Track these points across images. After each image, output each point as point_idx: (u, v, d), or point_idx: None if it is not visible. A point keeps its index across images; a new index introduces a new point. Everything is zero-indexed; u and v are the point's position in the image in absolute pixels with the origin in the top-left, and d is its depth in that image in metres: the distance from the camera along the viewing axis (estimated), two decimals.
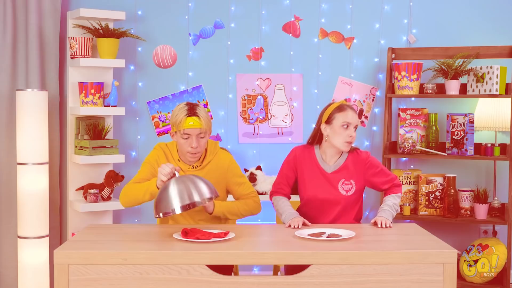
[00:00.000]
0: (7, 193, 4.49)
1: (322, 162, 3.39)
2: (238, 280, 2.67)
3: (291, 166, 3.45)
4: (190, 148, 3.23)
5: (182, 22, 4.93)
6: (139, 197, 3.19)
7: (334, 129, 3.29)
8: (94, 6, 4.68)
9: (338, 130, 3.28)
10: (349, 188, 3.37)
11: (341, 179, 3.36)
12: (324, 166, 3.38)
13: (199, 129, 3.21)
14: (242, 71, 4.97)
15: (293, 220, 3.20)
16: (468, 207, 4.71)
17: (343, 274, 2.66)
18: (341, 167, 3.37)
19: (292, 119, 4.99)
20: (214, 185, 3.28)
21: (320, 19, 4.98)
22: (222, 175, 3.39)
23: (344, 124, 3.27)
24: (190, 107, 3.23)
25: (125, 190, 3.28)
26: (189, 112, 3.21)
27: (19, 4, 4.50)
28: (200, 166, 3.35)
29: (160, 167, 3.04)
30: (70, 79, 4.57)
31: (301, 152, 3.43)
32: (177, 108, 3.28)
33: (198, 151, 3.26)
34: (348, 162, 3.38)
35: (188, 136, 3.22)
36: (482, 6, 4.97)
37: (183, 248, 2.71)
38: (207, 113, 3.28)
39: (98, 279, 2.64)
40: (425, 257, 2.68)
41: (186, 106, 3.25)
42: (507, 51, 4.66)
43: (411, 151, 4.80)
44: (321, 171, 3.37)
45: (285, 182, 3.47)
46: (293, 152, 3.47)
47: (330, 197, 3.36)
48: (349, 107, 3.32)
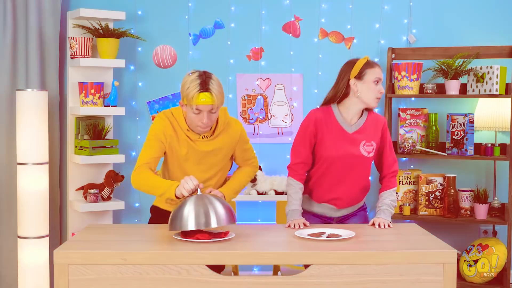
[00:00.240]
0: (7, 193, 4.49)
1: (343, 122, 3.26)
2: (238, 280, 2.67)
3: (311, 131, 3.26)
4: (201, 123, 3.10)
5: (182, 22, 4.93)
6: (154, 192, 3.11)
7: (366, 85, 3.21)
8: (94, 6, 4.68)
9: (370, 86, 3.21)
10: (371, 149, 3.29)
11: (362, 140, 3.27)
12: (345, 126, 3.26)
13: (211, 106, 3.05)
14: (242, 71, 4.97)
15: (293, 222, 3.19)
16: (468, 207, 4.71)
17: (343, 274, 2.66)
18: (362, 128, 3.28)
19: (292, 119, 4.99)
20: (224, 154, 3.27)
21: (320, 19, 4.98)
22: (233, 144, 3.31)
23: (376, 80, 3.21)
24: (203, 81, 3.04)
25: (140, 176, 3.12)
26: (201, 87, 3.02)
27: (19, 4, 4.50)
28: (211, 137, 3.23)
29: (184, 180, 2.95)
30: (70, 79, 4.57)
31: (320, 114, 3.27)
32: (188, 78, 3.08)
33: (209, 125, 3.13)
34: (368, 123, 3.30)
35: (200, 112, 3.06)
36: (482, 6, 4.97)
37: (183, 248, 2.71)
38: (220, 85, 3.09)
39: (98, 279, 2.64)
40: (425, 257, 2.68)
41: (198, 79, 3.05)
42: (507, 51, 4.66)
43: (411, 151, 4.80)
44: (342, 131, 3.25)
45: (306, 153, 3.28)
46: (312, 116, 3.27)
47: (352, 159, 3.25)
48: (376, 63, 3.28)
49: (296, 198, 3.28)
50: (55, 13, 4.56)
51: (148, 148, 3.20)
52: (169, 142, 3.21)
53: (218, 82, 3.10)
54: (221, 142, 3.27)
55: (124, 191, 4.89)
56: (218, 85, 3.09)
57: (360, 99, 3.23)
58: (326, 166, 3.28)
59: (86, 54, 4.46)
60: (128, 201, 4.89)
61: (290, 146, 4.98)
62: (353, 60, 3.29)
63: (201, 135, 3.21)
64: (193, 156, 3.24)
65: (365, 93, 3.21)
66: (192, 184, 2.93)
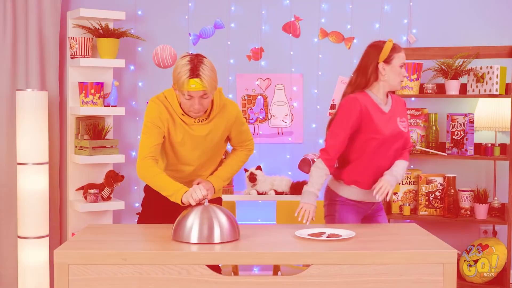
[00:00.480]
0: (7, 193, 4.49)
1: (380, 103, 3.35)
2: (238, 280, 2.67)
3: (356, 116, 3.27)
4: (193, 109, 3.07)
5: (182, 22, 4.93)
6: (160, 191, 3.09)
7: (394, 69, 3.31)
8: (94, 6, 4.68)
9: (397, 70, 3.32)
10: (405, 125, 3.41)
11: (397, 116, 3.38)
12: (382, 106, 3.35)
13: (202, 92, 3.00)
14: (242, 71, 4.97)
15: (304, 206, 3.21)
16: (468, 207, 4.71)
17: (343, 274, 2.66)
18: (392, 107, 3.39)
19: (292, 119, 4.99)
20: (220, 137, 3.22)
21: (320, 19, 4.98)
22: (229, 126, 3.26)
23: (401, 64, 3.33)
24: (193, 66, 2.97)
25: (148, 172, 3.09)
26: (191, 73, 2.96)
27: (19, 4, 4.50)
28: (207, 120, 3.18)
29: (192, 189, 2.94)
30: (70, 79, 4.57)
31: (362, 99, 3.30)
32: (179, 63, 3.02)
33: (202, 110, 3.08)
34: (394, 102, 3.43)
35: (191, 97, 3.02)
36: (482, 6, 4.97)
37: (183, 248, 2.71)
38: (212, 70, 3.01)
39: (98, 279, 2.64)
40: (425, 257, 2.68)
41: (189, 64, 2.98)
42: (507, 51, 4.66)
43: (411, 151, 4.80)
44: (382, 112, 3.33)
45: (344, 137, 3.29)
46: (355, 101, 3.27)
47: (397, 136, 3.35)
48: (401, 47, 3.39)
49: (318, 182, 3.29)
50: (55, 13, 4.56)
51: (147, 136, 3.13)
52: (167, 127, 3.16)
53: (210, 66, 3.02)
54: (217, 125, 3.21)
55: (124, 191, 4.89)
56: (210, 69, 3.01)
57: (387, 82, 3.34)
58: (375, 148, 3.31)
59: (86, 54, 4.46)
60: (128, 201, 4.90)
61: (290, 146, 5.01)
62: (378, 44, 3.35)
63: (196, 119, 3.16)
64: (189, 141, 3.19)
65: (392, 77, 3.33)
66: (200, 194, 2.92)
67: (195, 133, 3.18)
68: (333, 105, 4.99)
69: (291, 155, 4.99)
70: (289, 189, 4.73)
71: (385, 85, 3.34)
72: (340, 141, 3.28)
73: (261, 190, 4.70)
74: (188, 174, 3.30)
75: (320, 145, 4.98)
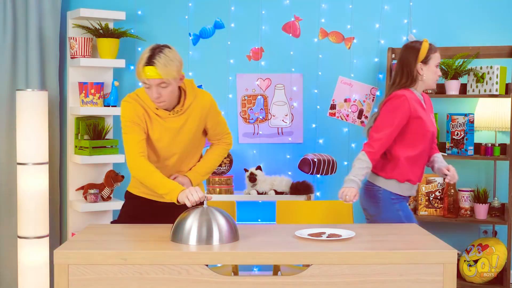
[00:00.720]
0: (7, 193, 4.49)
1: (421, 100, 3.50)
2: (238, 280, 2.67)
3: (406, 113, 3.36)
4: (153, 98, 3.04)
5: (182, 22, 4.93)
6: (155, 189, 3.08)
7: (431, 69, 3.46)
8: (94, 6, 4.68)
9: (434, 69, 3.47)
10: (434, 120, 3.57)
11: (430, 113, 3.54)
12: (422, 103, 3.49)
13: (158, 80, 2.97)
14: (242, 71, 4.97)
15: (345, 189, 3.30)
16: (468, 207, 4.71)
17: (343, 274, 2.66)
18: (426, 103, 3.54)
19: (292, 119, 4.99)
20: (196, 128, 3.21)
21: (320, 19, 4.98)
22: (204, 116, 3.23)
23: (437, 64, 3.48)
24: (151, 55, 2.97)
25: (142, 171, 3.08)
26: (147, 60, 2.96)
27: (19, 4, 4.50)
28: (181, 111, 3.16)
29: (188, 190, 2.94)
30: (70, 79, 4.57)
31: (409, 95, 3.40)
32: (142, 52, 3.04)
33: (163, 101, 3.05)
34: (426, 99, 3.58)
35: (149, 86, 3.00)
36: (482, 6, 4.97)
37: (183, 248, 2.71)
38: (171, 59, 3.00)
39: (98, 279, 2.64)
40: (425, 257, 2.68)
41: (149, 52, 2.99)
42: (507, 51, 4.66)
43: None
44: (424, 108, 3.46)
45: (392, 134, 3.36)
46: (406, 98, 3.37)
47: (435, 131, 3.53)
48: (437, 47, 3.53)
49: (359, 173, 3.34)
50: (55, 13, 4.56)
51: (130, 134, 3.12)
52: (145, 123, 3.15)
53: (170, 56, 3.00)
54: (192, 115, 3.19)
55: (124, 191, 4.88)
56: (169, 58, 2.99)
57: (425, 82, 3.48)
58: (424, 144, 3.45)
59: (86, 54, 4.46)
60: None
61: (290, 146, 5.01)
62: (415, 46, 3.48)
63: (171, 112, 3.15)
64: (166, 135, 3.18)
65: (430, 76, 3.46)
66: (197, 196, 2.92)
67: (171, 126, 3.17)
68: (333, 105, 4.99)
69: (291, 155, 4.99)
70: (289, 189, 4.73)
71: (422, 85, 3.48)
72: (386, 136, 3.35)
73: (261, 190, 4.70)
74: (168, 169, 3.29)
75: (320, 145, 4.99)
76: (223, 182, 4.72)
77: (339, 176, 4.95)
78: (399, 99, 3.36)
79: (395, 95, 3.39)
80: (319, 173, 4.69)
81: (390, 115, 3.36)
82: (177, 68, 3.02)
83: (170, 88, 3.04)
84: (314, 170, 4.66)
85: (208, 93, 3.29)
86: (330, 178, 4.93)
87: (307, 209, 3.94)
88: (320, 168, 4.68)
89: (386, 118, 3.37)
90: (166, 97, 3.05)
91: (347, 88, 4.98)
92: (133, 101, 3.15)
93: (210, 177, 4.72)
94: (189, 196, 2.93)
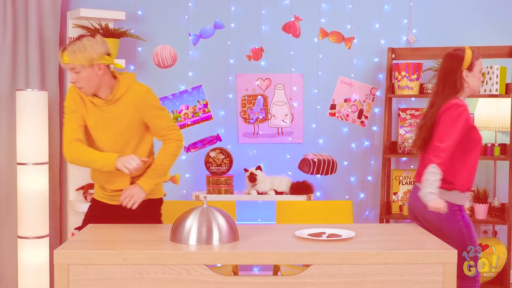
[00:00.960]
0: (7, 193, 4.49)
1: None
2: (238, 280, 2.67)
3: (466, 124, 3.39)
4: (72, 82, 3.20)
5: (182, 22, 4.93)
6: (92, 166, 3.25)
7: (475, 75, 3.48)
8: (94, 6, 4.68)
9: (478, 76, 3.50)
10: None
11: None
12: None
13: (68, 65, 3.14)
14: (242, 71, 4.97)
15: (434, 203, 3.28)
16: (468, 207, 4.71)
17: (343, 274, 2.66)
18: None
19: (292, 119, 4.99)
20: (130, 120, 3.25)
21: (320, 19, 4.98)
22: (137, 108, 3.25)
23: (481, 70, 3.52)
24: (71, 42, 3.16)
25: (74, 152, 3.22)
26: (65, 46, 3.16)
27: (19, 4, 4.50)
28: (112, 101, 3.23)
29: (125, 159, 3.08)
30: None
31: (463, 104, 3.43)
32: None
33: (81, 86, 3.18)
34: None
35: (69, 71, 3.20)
36: (482, 6, 4.97)
37: (183, 248, 2.71)
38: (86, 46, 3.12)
39: (98, 279, 2.64)
40: (425, 257, 2.68)
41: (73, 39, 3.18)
42: (507, 51, 4.66)
43: (411, 151, 4.80)
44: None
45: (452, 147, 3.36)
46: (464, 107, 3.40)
47: None
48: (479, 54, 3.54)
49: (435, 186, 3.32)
50: (55, 13, 4.56)
51: (67, 122, 3.28)
52: (82, 110, 3.28)
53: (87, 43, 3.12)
54: (124, 106, 3.24)
55: None
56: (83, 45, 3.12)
57: (470, 88, 3.50)
58: (479, 151, 3.50)
59: None
60: None
61: (290, 146, 5.01)
62: (458, 54, 3.48)
63: (105, 101, 3.24)
64: (100, 123, 3.27)
65: (474, 83, 3.49)
66: (135, 163, 3.07)
67: (104, 115, 3.25)
68: (333, 105, 4.99)
69: (291, 155, 4.99)
70: (289, 189, 4.73)
71: (468, 91, 3.50)
72: (450, 146, 3.35)
73: (261, 190, 4.70)
74: None
75: (320, 145, 4.99)
76: (223, 182, 4.73)
77: (339, 176, 4.96)
78: (459, 109, 3.37)
79: (454, 104, 3.38)
80: (319, 173, 4.69)
81: (452, 125, 3.36)
82: (88, 56, 3.12)
83: (83, 75, 3.15)
84: (314, 170, 4.66)
85: (146, 87, 3.32)
86: (330, 178, 4.93)
87: (307, 209, 3.94)
88: (320, 168, 4.68)
89: (449, 128, 3.37)
90: (82, 83, 3.17)
91: (347, 88, 4.98)
92: (72, 89, 3.31)
93: (210, 177, 4.73)
94: (127, 164, 3.06)
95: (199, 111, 4.95)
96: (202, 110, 4.95)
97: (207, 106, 4.94)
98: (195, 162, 4.96)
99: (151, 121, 3.30)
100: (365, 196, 5.00)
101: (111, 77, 3.23)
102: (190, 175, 4.97)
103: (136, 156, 3.10)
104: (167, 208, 3.57)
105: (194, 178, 4.97)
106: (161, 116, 3.32)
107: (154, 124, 3.31)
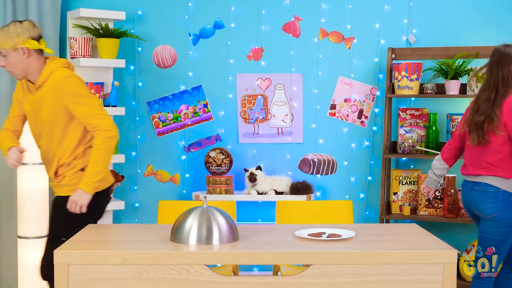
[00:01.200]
0: (7, 193, 4.49)
1: None
2: (238, 280, 2.67)
3: None
4: None
5: (182, 22, 4.93)
6: None
7: None
8: (94, 6, 4.68)
9: None
10: None
11: None
12: None
13: None
14: (242, 71, 4.97)
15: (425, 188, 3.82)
16: None
17: (343, 274, 2.66)
18: None
19: (292, 119, 4.99)
20: (52, 105, 3.25)
21: (320, 19, 4.98)
22: (58, 95, 3.22)
23: None
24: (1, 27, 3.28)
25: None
26: None
27: (19, 4, 4.50)
28: (37, 86, 3.29)
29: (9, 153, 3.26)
30: None
31: None
32: None
33: (10, 70, 3.27)
34: None
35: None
36: (482, 6, 4.96)
37: (183, 248, 2.71)
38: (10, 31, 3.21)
39: (98, 279, 2.64)
40: (425, 257, 2.68)
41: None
42: None
43: (411, 151, 4.80)
44: None
45: None
46: None
47: None
48: None
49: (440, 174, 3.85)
50: (55, 13, 4.56)
51: (11, 110, 3.45)
52: (22, 99, 3.39)
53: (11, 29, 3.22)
54: (45, 93, 3.27)
55: (124, 191, 4.89)
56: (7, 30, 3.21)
57: None
58: None
59: (86, 54, 4.46)
60: (128, 201, 4.89)
61: (290, 146, 5.01)
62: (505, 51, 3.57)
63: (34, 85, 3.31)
64: (30, 109, 3.36)
65: None
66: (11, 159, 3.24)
67: (32, 100, 3.33)
68: (333, 105, 4.98)
69: (291, 155, 4.99)
70: (289, 189, 4.73)
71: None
72: None
73: (261, 190, 4.70)
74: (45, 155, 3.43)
75: (320, 145, 4.99)
76: (223, 182, 4.73)
77: (339, 176, 4.96)
78: None
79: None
80: (319, 173, 4.69)
81: None
82: (10, 40, 3.20)
83: (10, 59, 3.24)
84: (314, 170, 4.66)
85: (68, 71, 3.30)
86: (330, 178, 4.93)
87: (307, 209, 3.94)
88: (320, 168, 4.68)
89: None
90: (10, 67, 3.26)
91: (347, 88, 4.98)
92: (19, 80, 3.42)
93: (210, 177, 4.73)
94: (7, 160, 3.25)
95: (199, 111, 4.95)
96: (202, 110, 4.95)
97: (207, 106, 4.95)
98: (195, 162, 4.96)
99: (72, 108, 3.23)
100: (365, 196, 5.00)
101: (41, 63, 3.29)
102: (190, 175, 4.97)
103: (15, 149, 3.23)
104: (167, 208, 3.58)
105: (194, 178, 4.97)
106: (83, 103, 3.22)
107: (76, 111, 3.23)
